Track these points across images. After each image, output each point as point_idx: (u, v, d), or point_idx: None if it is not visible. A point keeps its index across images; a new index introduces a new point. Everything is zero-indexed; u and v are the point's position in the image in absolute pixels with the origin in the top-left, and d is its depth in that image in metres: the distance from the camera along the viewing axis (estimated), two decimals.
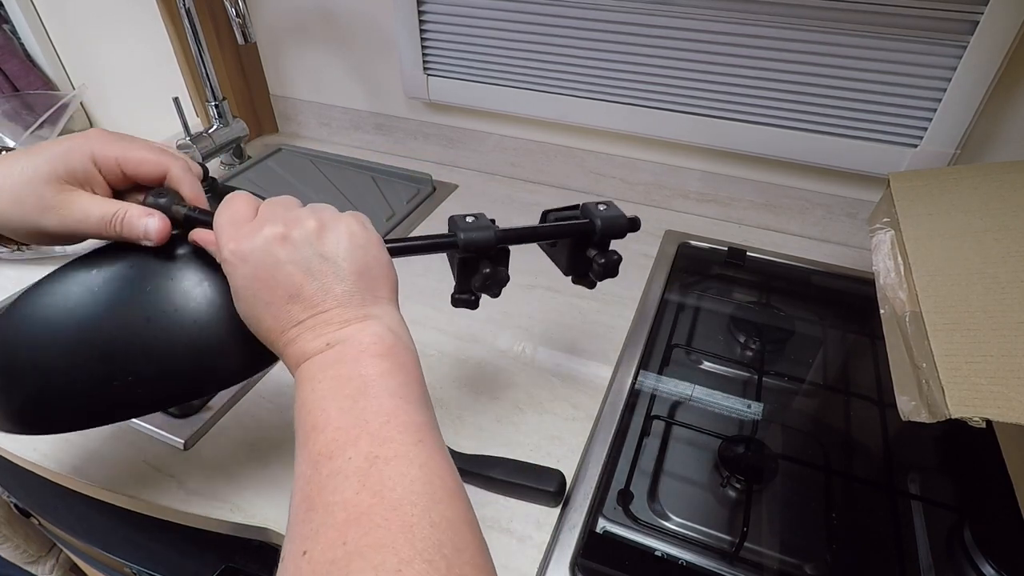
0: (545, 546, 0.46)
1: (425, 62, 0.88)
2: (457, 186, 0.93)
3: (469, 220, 0.40)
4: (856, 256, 0.77)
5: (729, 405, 0.62)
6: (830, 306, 0.77)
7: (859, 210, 0.76)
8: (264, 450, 0.52)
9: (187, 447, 0.52)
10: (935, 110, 0.65)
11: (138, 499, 0.49)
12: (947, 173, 0.57)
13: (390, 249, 0.36)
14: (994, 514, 0.52)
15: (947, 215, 0.51)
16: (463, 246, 0.39)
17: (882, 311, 0.48)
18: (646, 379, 0.63)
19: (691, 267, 0.80)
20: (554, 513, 0.48)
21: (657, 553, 0.50)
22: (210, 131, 0.91)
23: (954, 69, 0.62)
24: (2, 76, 1.09)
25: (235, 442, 0.53)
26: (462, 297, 0.43)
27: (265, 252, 0.31)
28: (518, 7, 0.78)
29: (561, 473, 0.48)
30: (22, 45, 1.14)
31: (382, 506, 0.24)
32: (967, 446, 0.59)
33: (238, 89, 1.00)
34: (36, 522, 0.69)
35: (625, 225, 0.45)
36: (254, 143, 1.07)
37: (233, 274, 0.32)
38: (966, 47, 0.60)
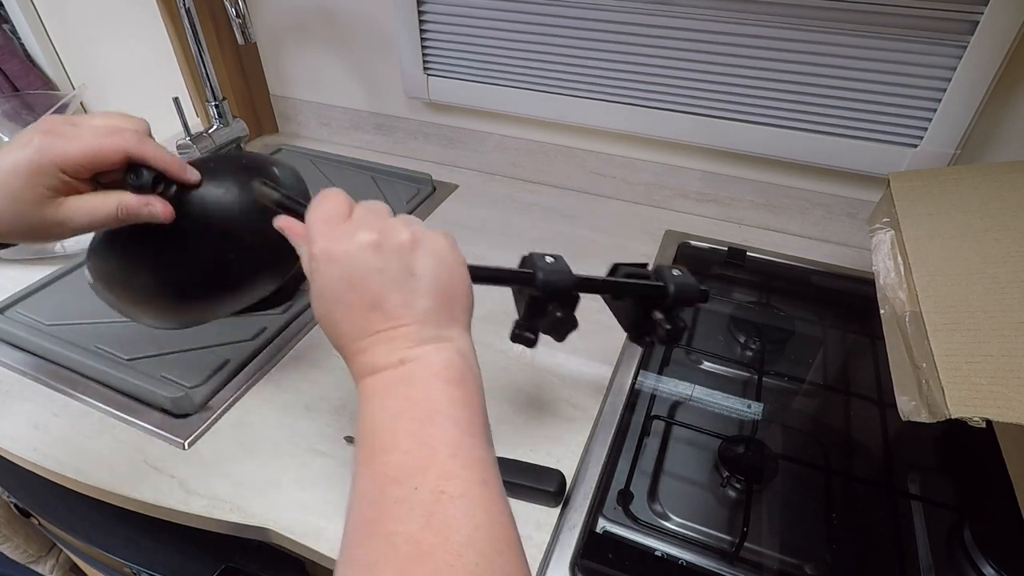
0: (545, 546, 0.46)
1: (425, 62, 0.88)
2: (457, 186, 0.93)
3: (549, 260, 0.41)
4: (856, 256, 0.77)
5: (729, 405, 0.62)
6: (830, 306, 0.77)
7: (859, 210, 0.76)
8: (264, 450, 0.52)
9: (187, 447, 0.52)
10: (935, 110, 0.65)
11: (138, 499, 0.49)
12: (947, 173, 0.57)
13: (470, 272, 0.36)
14: (994, 514, 0.52)
15: (947, 215, 0.51)
16: (540, 286, 0.39)
17: (882, 311, 0.49)
18: (646, 379, 0.63)
19: (691, 267, 0.79)
20: (554, 513, 0.48)
21: (657, 553, 0.50)
22: (210, 131, 0.91)
23: (954, 69, 0.62)
24: (2, 76, 1.09)
25: (235, 442, 0.53)
26: (524, 335, 0.43)
27: (356, 257, 0.31)
28: (518, 7, 0.78)
29: (561, 473, 0.49)
30: (22, 45, 1.14)
31: (446, 549, 0.24)
32: (967, 446, 0.59)
33: (238, 89, 1.00)
34: (36, 522, 0.69)
35: (697, 296, 0.45)
36: (254, 143, 1.07)
37: (319, 272, 0.32)
38: (966, 47, 0.60)
